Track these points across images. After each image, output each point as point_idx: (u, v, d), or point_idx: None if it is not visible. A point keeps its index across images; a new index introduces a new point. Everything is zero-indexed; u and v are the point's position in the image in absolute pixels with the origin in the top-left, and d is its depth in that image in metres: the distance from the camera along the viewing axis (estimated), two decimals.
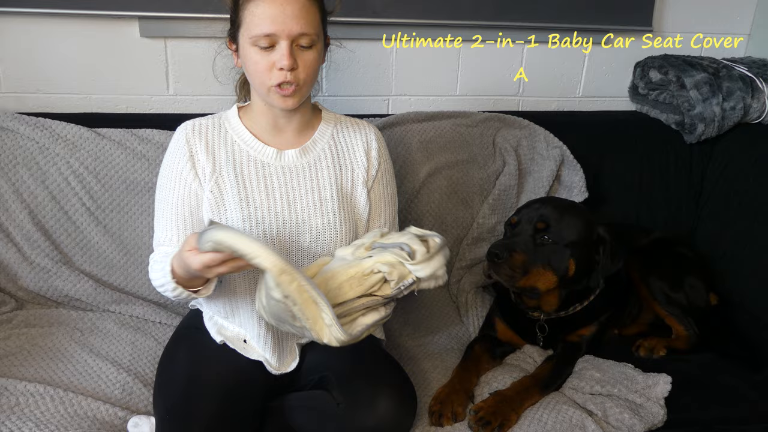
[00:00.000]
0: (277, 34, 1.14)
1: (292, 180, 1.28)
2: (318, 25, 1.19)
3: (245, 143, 1.29)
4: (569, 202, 1.48)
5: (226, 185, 1.25)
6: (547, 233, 1.36)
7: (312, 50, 1.18)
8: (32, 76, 1.74)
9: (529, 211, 1.41)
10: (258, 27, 1.14)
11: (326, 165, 1.31)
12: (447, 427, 1.24)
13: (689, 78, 1.89)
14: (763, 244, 1.75)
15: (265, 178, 1.27)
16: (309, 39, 1.16)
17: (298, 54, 1.16)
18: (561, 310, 1.45)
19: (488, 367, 1.44)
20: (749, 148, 1.90)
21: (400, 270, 1.11)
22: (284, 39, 1.14)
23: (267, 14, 1.13)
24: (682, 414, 1.30)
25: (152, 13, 1.70)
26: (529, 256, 1.35)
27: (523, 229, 1.39)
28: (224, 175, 1.26)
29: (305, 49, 1.17)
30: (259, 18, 1.14)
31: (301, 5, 1.14)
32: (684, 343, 1.56)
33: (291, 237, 1.25)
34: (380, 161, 1.36)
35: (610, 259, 1.41)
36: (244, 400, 1.19)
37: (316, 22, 1.18)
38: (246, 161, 1.28)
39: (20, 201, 1.59)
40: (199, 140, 1.27)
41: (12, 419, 1.19)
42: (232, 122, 1.31)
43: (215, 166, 1.26)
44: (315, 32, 1.17)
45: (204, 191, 1.26)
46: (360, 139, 1.36)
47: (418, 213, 1.76)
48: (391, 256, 1.11)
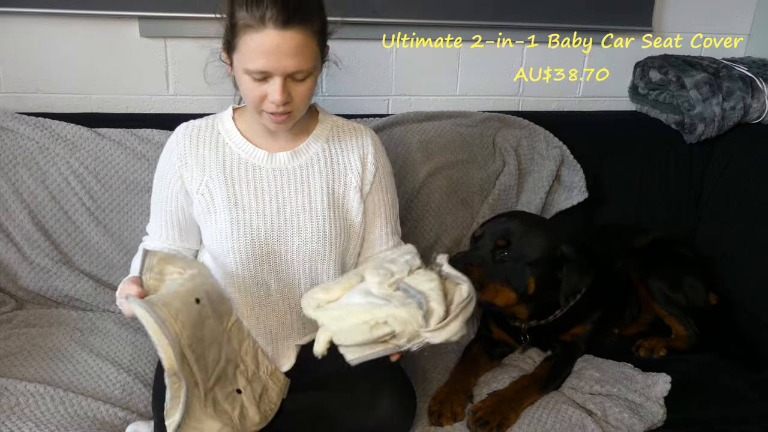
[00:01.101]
0: (271, 71, 1.11)
1: (282, 182, 1.27)
2: (315, 58, 1.15)
3: (237, 146, 1.28)
4: (535, 218, 1.46)
5: (216, 188, 1.26)
6: (506, 250, 1.35)
7: (307, 81, 1.15)
8: (32, 76, 1.74)
9: (493, 225, 1.40)
10: (252, 62, 1.10)
11: (318, 169, 1.30)
12: (447, 427, 1.25)
13: (689, 78, 1.89)
14: (763, 244, 1.75)
15: (255, 180, 1.27)
16: (304, 74, 1.14)
17: (291, 86, 1.14)
18: (537, 318, 1.44)
19: (487, 368, 1.44)
20: (749, 148, 1.90)
21: (411, 330, 1.05)
22: (278, 76, 1.11)
23: (262, 50, 1.09)
24: (682, 414, 1.30)
25: (152, 13, 1.70)
26: (485, 271, 1.33)
27: (485, 243, 1.37)
28: (214, 177, 1.26)
29: (300, 81, 1.14)
30: (254, 53, 1.09)
31: (297, 43, 1.10)
32: (684, 343, 1.56)
33: (279, 239, 1.25)
34: (377, 166, 1.35)
35: (577, 276, 1.37)
36: None
37: (314, 56, 1.14)
38: (236, 164, 1.27)
39: (20, 201, 1.59)
40: (189, 143, 1.28)
41: (12, 419, 1.19)
42: (225, 124, 1.31)
43: (205, 169, 1.27)
44: (311, 66, 1.14)
45: (193, 194, 1.27)
46: (356, 143, 1.34)
47: (418, 213, 1.76)
48: (406, 313, 1.04)
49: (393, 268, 1.13)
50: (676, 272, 1.61)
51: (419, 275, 1.11)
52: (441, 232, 1.78)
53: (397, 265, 1.14)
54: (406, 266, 1.13)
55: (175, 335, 0.99)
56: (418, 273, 1.12)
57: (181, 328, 1.00)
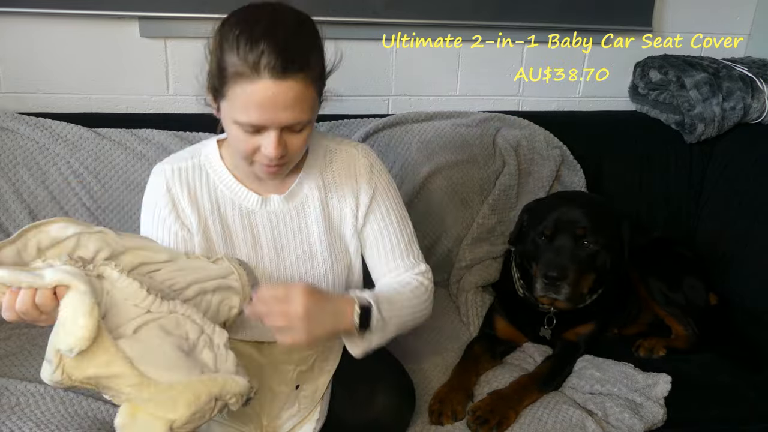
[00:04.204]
0: (266, 125, 1.00)
1: (278, 227, 1.20)
2: (314, 108, 1.04)
3: (229, 189, 1.17)
4: (586, 196, 1.49)
5: (213, 238, 1.17)
6: (586, 239, 1.38)
7: (304, 132, 1.05)
8: (32, 76, 1.74)
9: (559, 217, 1.40)
10: (244, 114, 0.98)
11: (313, 207, 1.20)
12: (447, 426, 1.25)
13: (689, 78, 1.89)
14: (763, 244, 1.75)
15: (251, 227, 1.19)
16: (302, 125, 1.03)
17: (287, 137, 1.03)
18: (576, 303, 1.44)
19: (488, 367, 1.44)
20: (749, 148, 1.90)
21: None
22: (273, 129, 1.00)
23: (256, 101, 0.97)
24: (682, 414, 1.30)
25: (152, 13, 1.70)
26: (581, 267, 1.36)
27: (563, 239, 1.39)
28: (210, 226, 1.17)
29: (297, 132, 1.04)
30: (246, 104, 0.97)
31: (296, 93, 0.98)
32: (684, 342, 1.56)
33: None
34: (374, 188, 1.23)
35: (640, 233, 1.44)
36: None
37: (313, 105, 1.03)
38: (230, 209, 1.17)
39: (20, 201, 1.59)
40: (180, 188, 1.15)
41: (12, 419, 1.18)
42: (213, 164, 1.18)
43: (200, 216, 1.16)
44: (309, 117, 1.03)
45: (193, 237, 1.17)
46: (349, 171, 1.23)
47: (418, 213, 1.76)
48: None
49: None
50: (675, 272, 1.61)
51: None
52: (441, 232, 1.78)
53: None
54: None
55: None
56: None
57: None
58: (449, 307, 1.71)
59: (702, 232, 1.95)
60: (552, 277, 1.34)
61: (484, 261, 1.74)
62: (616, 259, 1.42)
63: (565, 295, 1.35)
